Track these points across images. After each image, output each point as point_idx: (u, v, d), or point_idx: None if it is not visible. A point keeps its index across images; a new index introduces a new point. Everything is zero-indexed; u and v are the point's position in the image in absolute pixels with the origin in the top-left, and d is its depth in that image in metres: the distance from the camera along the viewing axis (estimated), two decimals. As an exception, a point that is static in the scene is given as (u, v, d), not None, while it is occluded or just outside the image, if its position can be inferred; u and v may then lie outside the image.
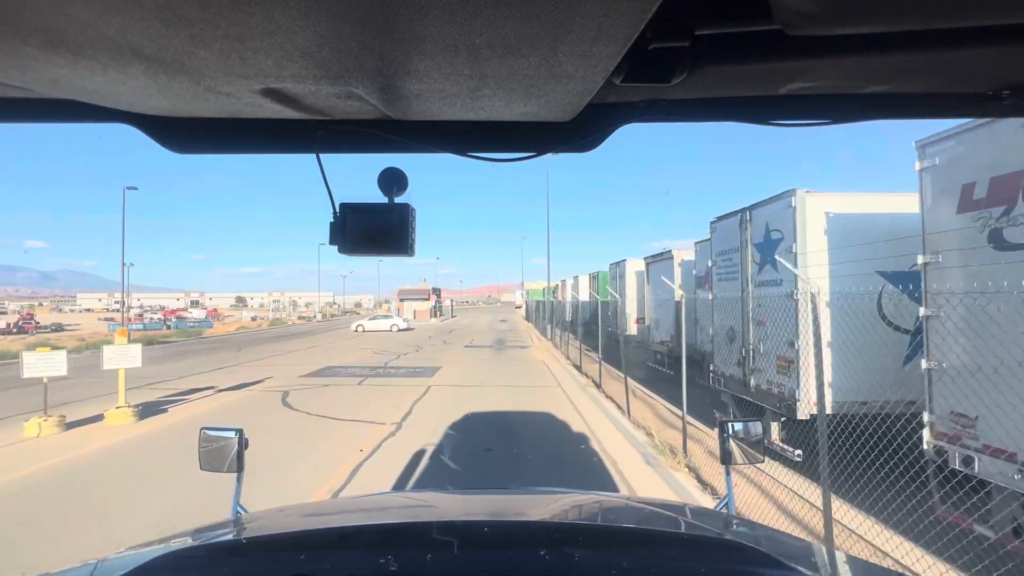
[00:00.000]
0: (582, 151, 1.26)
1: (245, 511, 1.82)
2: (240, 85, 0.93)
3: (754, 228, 7.11)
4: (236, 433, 1.89)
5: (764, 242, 6.80)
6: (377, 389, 12.53)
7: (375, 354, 20.79)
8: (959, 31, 0.86)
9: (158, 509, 5.21)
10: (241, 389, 12.45)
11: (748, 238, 7.23)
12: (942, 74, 1.04)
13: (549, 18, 0.70)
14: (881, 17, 0.73)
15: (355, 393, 12.06)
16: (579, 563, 1.05)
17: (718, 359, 8.17)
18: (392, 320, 38.79)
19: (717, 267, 8.31)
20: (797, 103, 1.19)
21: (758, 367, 6.93)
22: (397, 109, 1.09)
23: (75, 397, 11.19)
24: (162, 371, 15.98)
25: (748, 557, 1.13)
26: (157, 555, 1.12)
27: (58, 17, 0.67)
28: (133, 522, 4.94)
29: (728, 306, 7.72)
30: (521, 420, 9.12)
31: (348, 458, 6.81)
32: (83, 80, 0.89)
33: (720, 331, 8.07)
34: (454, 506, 1.75)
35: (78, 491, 5.88)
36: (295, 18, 0.69)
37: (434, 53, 0.81)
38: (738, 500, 5.17)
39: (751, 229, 7.19)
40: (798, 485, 5.52)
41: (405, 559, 1.03)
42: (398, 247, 1.24)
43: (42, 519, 5.14)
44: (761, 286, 6.91)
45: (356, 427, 8.64)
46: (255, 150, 1.28)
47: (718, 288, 8.20)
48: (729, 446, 1.87)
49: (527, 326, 42.21)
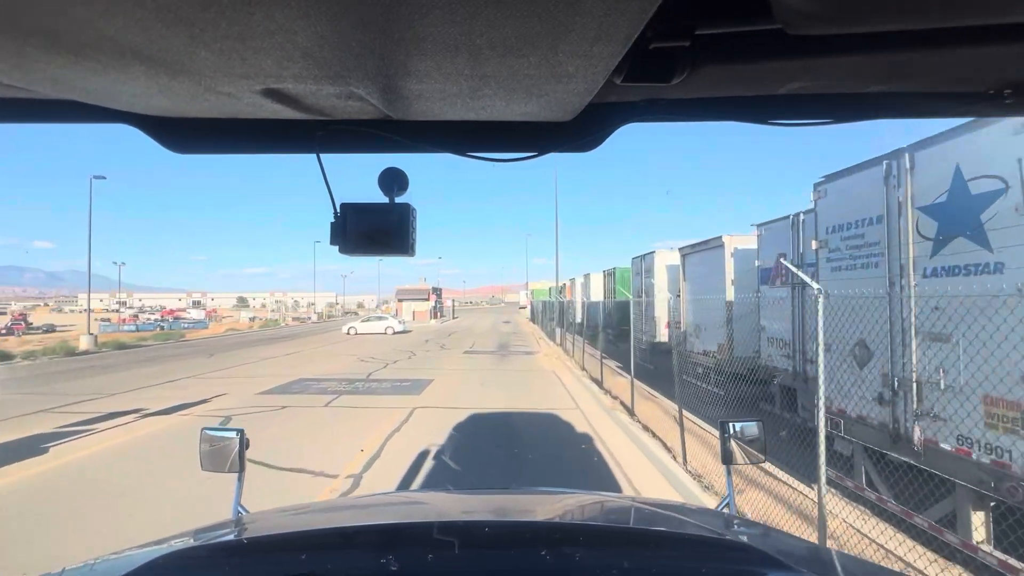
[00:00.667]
0: (582, 151, 1.27)
1: (246, 511, 1.82)
2: (240, 85, 0.94)
3: (922, 181, 4.34)
4: (237, 433, 1.90)
5: (949, 202, 4.03)
6: (347, 413, 9.78)
7: (361, 362, 18.03)
8: (959, 30, 0.85)
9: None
10: (174, 413, 9.75)
11: (906, 199, 4.47)
12: (943, 74, 1.04)
13: (549, 18, 0.70)
14: (881, 17, 0.73)
15: (316, 420, 9.32)
16: (580, 563, 1.05)
17: (834, 390, 5.29)
18: (387, 322, 35.37)
19: (830, 250, 5.56)
20: (797, 103, 1.19)
21: (932, 412, 4.15)
22: (397, 109, 1.10)
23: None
24: (99, 385, 13.41)
25: (749, 557, 1.14)
26: (157, 555, 1.09)
27: (59, 18, 0.68)
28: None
29: (855, 310, 4.89)
30: (534, 468, 6.40)
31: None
32: (84, 80, 0.91)
33: (839, 348, 5.23)
34: (455, 506, 1.75)
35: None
36: (295, 18, 0.69)
37: (434, 53, 0.82)
38: None
39: (912, 184, 4.43)
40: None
41: (406, 559, 1.02)
42: (399, 247, 1.25)
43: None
44: (940, 276, 4.14)
45: (293, 482, 5.93)
46: (255, 150, 1.29)
47: (832, 281, 5.42)
48: (730, 446, 1.86)
49: (532, 328, 38.91)
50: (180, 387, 12.97)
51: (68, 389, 12.88)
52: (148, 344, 28.47)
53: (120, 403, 10.81)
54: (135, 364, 18.69)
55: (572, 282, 34.78)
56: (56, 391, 9.73)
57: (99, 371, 16.72)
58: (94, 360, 20.49)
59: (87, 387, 13.13)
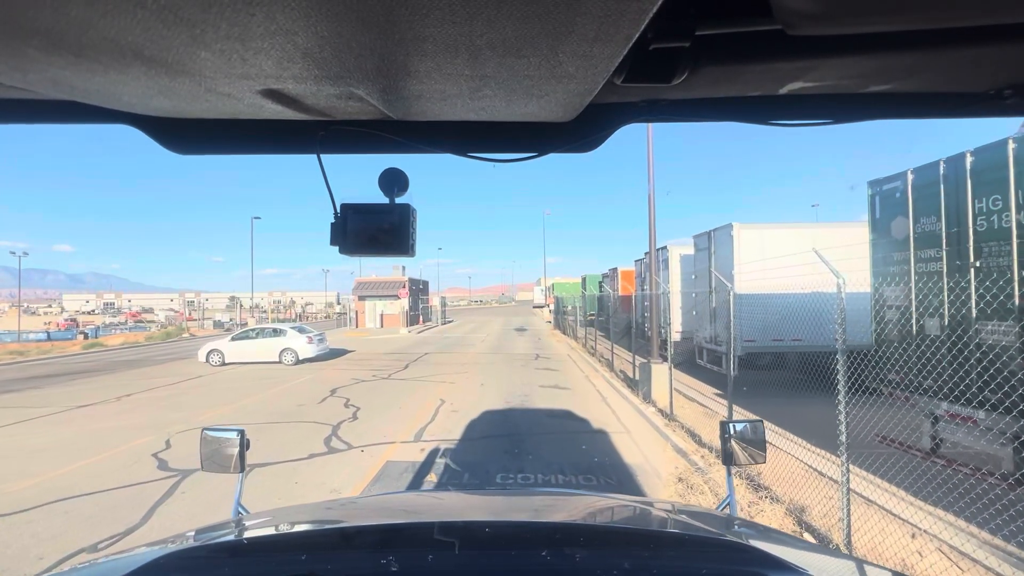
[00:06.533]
0: (583, 151, 1.28)
1: (246, 511, 1.84)
2: (241, 86, 0.94)
3: None
4: (238, 433, 1.90)
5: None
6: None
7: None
8: (960, 30, 0.87)
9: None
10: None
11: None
12: (943, 73, 1.05)
13: (549, 18, 0.71)
14: (881, 17, 0.74)
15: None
16: (580, 563, 1.03)
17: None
18: (285, 340, 17.97)
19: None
20: (797, 103, 1.20)
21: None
22: (398, 110, 1.10)
23: None
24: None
25: (750, 558, 1.13)
26: (158, 556, 1.09)
27: (59, 18, 0.67)
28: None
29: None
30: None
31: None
32: (84, 81, 0.90)
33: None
34: (455, 506, 1.74)
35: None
36: (296, 19, 0.70)
37: (435, 54, 0.82)
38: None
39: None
40: None
41: (406, 559, 1.02)
42: (399, 248, 1.25)
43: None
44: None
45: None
46: (256, 151, 1.29)
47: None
48: (731, 446, 1.86)
49: (561, 341, 25.08)
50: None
51: None
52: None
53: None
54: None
55: (642, 263, 19.30)
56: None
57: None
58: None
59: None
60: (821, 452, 6.24)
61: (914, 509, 4.52)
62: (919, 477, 4.64)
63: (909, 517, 4.38)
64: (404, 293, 37.06)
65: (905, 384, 5.82)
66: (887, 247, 6.35)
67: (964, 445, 5.18)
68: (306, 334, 18.43)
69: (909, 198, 5.95)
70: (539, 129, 1.22)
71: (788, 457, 6.11)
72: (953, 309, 5.33)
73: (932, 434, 5.60)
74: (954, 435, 5.30)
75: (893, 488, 5.00)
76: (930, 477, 4.59)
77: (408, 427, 8.66)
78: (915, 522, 4.31)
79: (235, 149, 1.28)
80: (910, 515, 4.39)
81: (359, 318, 39.63)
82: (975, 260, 5.08)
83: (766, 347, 10.51)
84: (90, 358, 22.89)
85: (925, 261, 5.77)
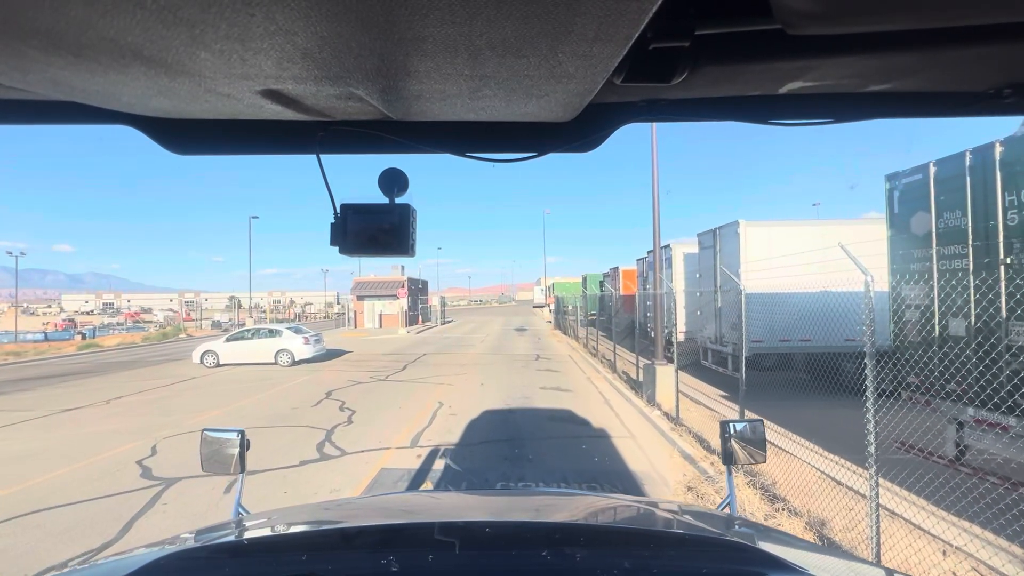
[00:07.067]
0: (582, 151, 1.28)
1: (247, 512, 1.83)
2: (241, 86, 0.94)
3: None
4: (238, 434, 1.88)
5: None
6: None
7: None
8: (959, 30, 0.86)
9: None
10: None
11: None
12: (943, 73, 1.05)
13: (549, 18, 0.70)
14: (881, 17, 0.74)
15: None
16: (581, 563, 1.03)
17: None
18: (281, 341, 17.52)
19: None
20: (797, 102, 1.20)
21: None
22: (397, 110, 1.11)
23: None
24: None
25: (750, 558, 1.13)
26: (158, 556, 1.08)
27: (59, 19, 0.67)
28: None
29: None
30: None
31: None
32: (84, 82, 0.90)
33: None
34: (455, 506, 1.73)
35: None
36: (295, 19, 0.69)
37: (434, 54, 0.82)
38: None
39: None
40: None
41: (407, 559, 1.02)
42: (399, 248, 1.25)
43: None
44: None
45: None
46: (256, 151, 1.29)
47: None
48: (731, 446, 1.85)
49: (562, 341, 25.12)
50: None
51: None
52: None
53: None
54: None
55: (642, 262, 19.30)
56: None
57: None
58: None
59: None
60: (839, 460, 5.93)
61: (946, 524, 4.21)
62: (941, 485, 4.33)
63: (940, 533, 4.07)
64: (403, 293, 36.68)
65: (926, 388, 5.52)
66: (907, 244, 6.03)
67: (992, 452, 4.88)
68: (302, 335, 18.03)
69: (931, 192, 5.64)
70: (539, 129, 1.22)
71: (804, 466, 5.80)
72: (980, 309, 5.02)
73: (956, 440, 5.30)
74: (981, 442, 5.01)
75: (913, 498, 4.70)
76: (954, 486, 4.28)
77: (405, 431, 8.28)
78: (947, 538, 4.01)
79: (235, 149, 1.29)
80: (941, 531, 4.08)
81: (358, 318, 39.35)
82: (1005, 256, 4.78)
83: (773, 348, 10.15)
84: (85, 359, 22.20)
85: (949, 258, 5.46)
